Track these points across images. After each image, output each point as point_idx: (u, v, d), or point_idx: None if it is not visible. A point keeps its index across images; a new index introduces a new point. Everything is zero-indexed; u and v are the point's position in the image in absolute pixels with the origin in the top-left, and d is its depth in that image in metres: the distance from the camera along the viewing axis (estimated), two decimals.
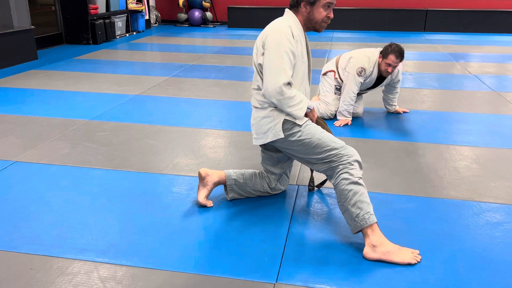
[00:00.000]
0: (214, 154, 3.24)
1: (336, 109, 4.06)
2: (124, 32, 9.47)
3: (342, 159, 2.15)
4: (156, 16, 11.47)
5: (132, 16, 9.81)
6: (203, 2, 11.03)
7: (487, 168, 3.06)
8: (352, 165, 2.14)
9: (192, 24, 11.35)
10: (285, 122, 2.25)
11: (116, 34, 9.05)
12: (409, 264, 2.00)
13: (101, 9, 8.49)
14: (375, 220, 2.06)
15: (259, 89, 2.32)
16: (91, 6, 8.12)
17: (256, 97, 2.36)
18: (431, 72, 6.19)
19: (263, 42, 2.24)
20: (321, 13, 2.26)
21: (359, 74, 3.82)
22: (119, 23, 9.17)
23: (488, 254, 2.10)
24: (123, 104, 4.45)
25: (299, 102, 2.22)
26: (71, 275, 1.92)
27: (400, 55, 3.72)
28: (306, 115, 2.32)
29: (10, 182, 2.77)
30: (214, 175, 2.48)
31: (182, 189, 2.70)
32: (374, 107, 4.47)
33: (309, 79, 2.43)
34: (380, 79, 3.97)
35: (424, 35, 10.11)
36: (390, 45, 3.76)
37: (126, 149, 3.31)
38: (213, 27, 11.23)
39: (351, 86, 3.86)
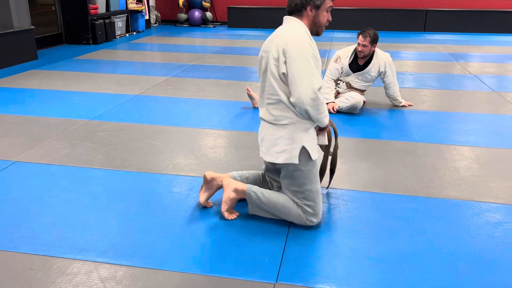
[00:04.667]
0: (214, 154, 3.24)
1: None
2: (124, 32, 9.47)
3: (308, 213, 2.26)
4: (156, 16, 11.47)
5: (132, 16, 9.81)
6: (203, 2, 11.03)
7: (487, 168, 3.06)
8: (308, 220, 2.28)
9: (192, 24, 11.35)
10: (302, 151, 2.22)
11: (116, 34, 9.05)
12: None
13: (101, 9, 8.49)
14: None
15: (277, 102, 2.22)
16: (91, 6, 8.12)
17: (272, 112, 2.25)
18: (431, 72, 6.19)
19: (283, 50, 2.14)
20: (324, 16, 2.25)
21: (335, 61, 4.30)
22: (119, 23, 9.17)
23: (488, 254, 2.10)
24: (123, 104, 4.44)
25: (326, 109, 2.22)
26: (71, 275, 1.92)
27: (365, 34, 4.06)
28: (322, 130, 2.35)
29: (10, 182, 2.77)
30: (219, 180, 2.46)
31: (182, 189, 2.70)
32: (375, 107, 4.47)
33: None
34: (365, 64, 4.25)
35: (424, 35, 10.11)
36: (361, 30, 4.14)
37: (126, 149, 3.31)
38: (213, 27, 11.23)
39: (327, 72, 4.35)
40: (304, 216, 2.25)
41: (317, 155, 2.26)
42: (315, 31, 2.29)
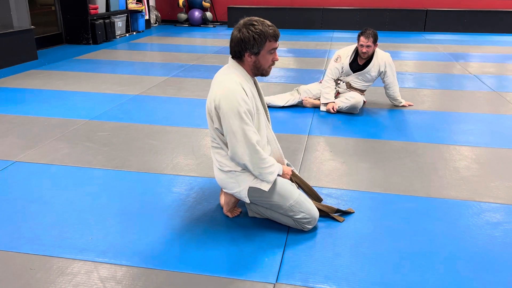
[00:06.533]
0: None
1: (315, 93, 4.45)
2: (124, 32, 9.47)
3: (302, 222, 2.23)
4: (156, 16, 11.47)
5: (132, 16, 9.81)
6: (203, 2, 11.03)
7: (487, 168, 3.06)
8: (305, 228, 2.25)
9: (192, 24, 11.35)
10: (250, 190, 2.20)
11: (116, 34, 9.05)
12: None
13: (101, 9, 8.49)
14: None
15: (219, 148, 2.24)
16: (91, 6, 8.12)
17: (216, 157, 2.27)
18: (431, 72, 6.19)
19: (215, 105, 2.10)
20: (267, 60, 2.16)
21: (335, 60, 4.28)
22: (119, 23, 9.17)
23: (488, 254, 2.10)
24: (123, 104, 4.44)
25: (271, 165, 2.16)
26: (71, 275, 1.92)
27: (367, 34, 4.03)
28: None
29: (10, 182, 2.77)
30: None
31: (182, 189, 2.70)
32: (375, 107, 4.47)
33: (269, 123, 2.36)
34: (366, 64, 4.23)
35: (424, 35, 10.11)
36: (361, 30, 4.11)
37: (126, 149, 3.31)
38: (213, 27, 11.23)
39: (328, 72, 4.32)
40: (300, 225, 2.25)
41: (269, 185, 2.18)
42: (259, 73, 2.21)
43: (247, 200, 2.24)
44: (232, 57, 2.20)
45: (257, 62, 2.16)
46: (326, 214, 2.39)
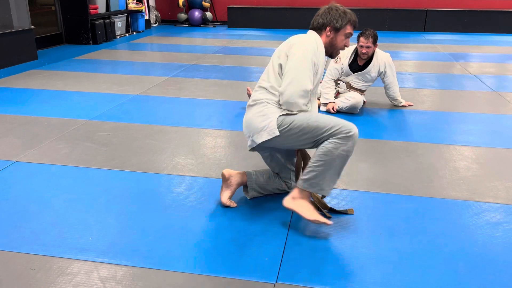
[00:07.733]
0: (214, 154, 3.24)
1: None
2: (124, 32, 9.47)
3: (341, 136, 2.15)
4: (156, 16, 11.47)
5: (132, 16, 9.81)
6: (203, 2, 11.03)
7: (487, 168, 3.06)
8: (349, 138, 2.15)
9: (192, 24, 11.35)
10: (280, 118, 2.27)
11: (116, 34, 9.05)
12: (313, 222, 2.20)
13: (101, 9, 8.49)
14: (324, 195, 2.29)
15: (268, 92, 2.33)
16: (91, 6, 8.12)
17: (257, 95, 2.37)
18: (431, 72, 6.19)
19: (291, 44, 2.30)
20: (342, 40, 2.41)
21: (335, 61, 4.29)
22: (119, 23, 9.17)
23: (488, 254, 2.10)
24: (123, 104, 4.44)
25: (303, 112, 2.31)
26: (71, 275, 1.92)
27: (367, 35, 4.04)
28: None
29: (10, 182, 2.77)
30: (237, 176, 2.49)
31: (182, 189, 2.70)
32: (375, 107, 4.47)
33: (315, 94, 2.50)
34: (365, 65, 4.24)
35: (424, 35, 10.11)
36: (361, 31, 4.12)
37: (126, 149, 3.31)
38: (213, 27, 11.23)
39: (327, 72, 4.33)
40: (338, 142, 2.13)
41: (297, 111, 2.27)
42: (330, 52, 2.43)
43: (277, 132, 2.24)
44: (312, 29, 2.41)
45: (333, 39, 2.38)
46: (318, 209, 2.40)
